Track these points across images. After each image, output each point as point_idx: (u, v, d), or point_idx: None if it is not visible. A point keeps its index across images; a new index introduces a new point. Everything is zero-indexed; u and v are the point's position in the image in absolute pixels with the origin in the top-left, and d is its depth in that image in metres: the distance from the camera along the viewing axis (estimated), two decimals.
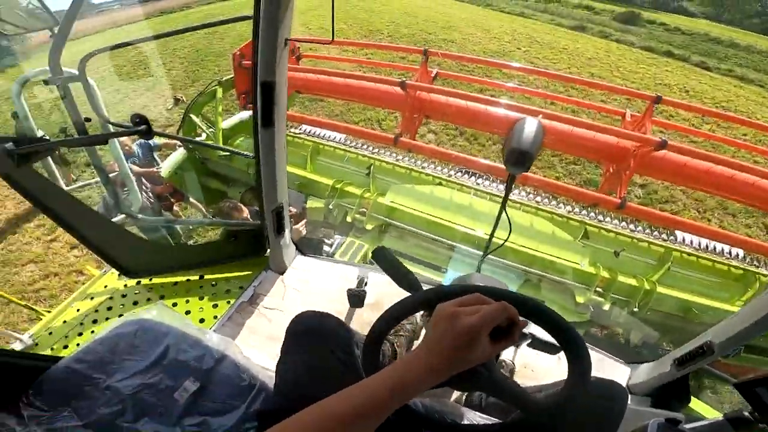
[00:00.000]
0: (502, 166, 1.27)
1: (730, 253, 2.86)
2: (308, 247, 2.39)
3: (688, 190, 5.70)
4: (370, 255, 2.81)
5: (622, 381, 1.58)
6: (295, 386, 0.92)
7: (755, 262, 2.83)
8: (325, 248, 2.82)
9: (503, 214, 1.54)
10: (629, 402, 1.13)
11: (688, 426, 1.01)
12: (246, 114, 4.03)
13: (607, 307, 2.67)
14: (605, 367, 1.65)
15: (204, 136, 3.77)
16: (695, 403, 1.54)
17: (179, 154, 3.76)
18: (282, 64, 1.24)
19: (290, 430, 0.53)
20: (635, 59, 11.84)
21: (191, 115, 3.70)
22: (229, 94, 3.97)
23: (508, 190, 1.51)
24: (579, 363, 0.68)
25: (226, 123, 3.89)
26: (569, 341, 0.67)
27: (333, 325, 1.02)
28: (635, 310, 2.63)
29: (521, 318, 0.66)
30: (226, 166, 3.80)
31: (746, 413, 0.97)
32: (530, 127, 1.21)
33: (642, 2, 22.00)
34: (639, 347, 2.90)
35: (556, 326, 0.68)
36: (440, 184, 3.29)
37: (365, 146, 3.72)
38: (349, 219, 3.12)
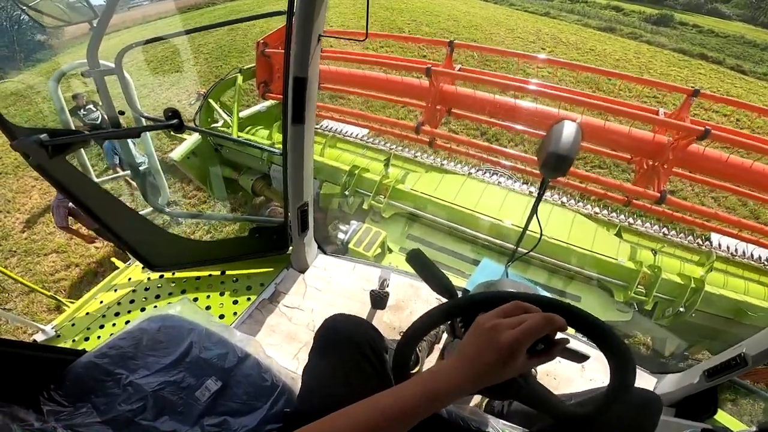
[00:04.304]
0: (526, 155, 1.22)
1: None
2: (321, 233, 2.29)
3: (720, 198, 5.47)
4: (387, 244, 2.72)
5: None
6: (324, 389, 0.90)
7: None
8: (340, 235, 2.68)
9: (534, 218, 1.48)
10: None
11: None
12: (264, 105, 4.03)
13: (649, 306, 2.49)
14: None
15: (221, 122, 3.78)
16: (720, 415, 1.50)
17: (193, 139, 3.72)
18: (315, 60, 1.22)
19: None
20: (667, 61, 11.46)
21: (210, 101, 3.71)
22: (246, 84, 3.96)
23: (540, 195, 1.45)
24: (624, 377, 0.65)
25: (244, 113, 3.89)
26: (617, 355, 0.65)
27: (366, 329, 1.00)
28: (681, 310, 2.43)
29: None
30: (240, 154, 3.78)
31: None
32: (569, 130, 1.14)
33: (674, 4, 21.27)
34: (684, 356, 2.75)
35: (605, 339, 0.64)
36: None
37: (385, 143, 3.66)
38: (365, 206, 3.01)
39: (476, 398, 1.43)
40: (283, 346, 1.63)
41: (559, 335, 0.61)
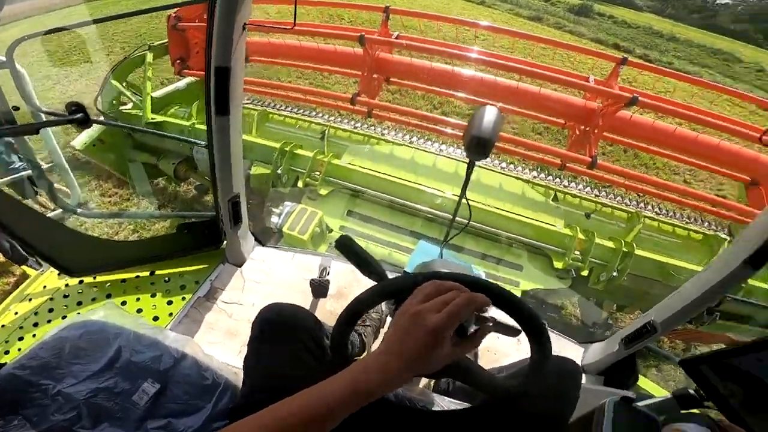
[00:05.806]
0: (464, 123, 1.28)
1: (689, 216, 2.93)
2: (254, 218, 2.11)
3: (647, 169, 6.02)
4: (324, 223, 2.62)
5: (576, 360, 1.67)
6: (266, 381, 0.89)
7: (713, 226, 2.85)
8: (273, 219, 2.50)
9: (464, 200, 1.56)
10: (584, 381, 1.17)
11: (640, 404, 1.02)
12: (183, 83, 3.69)
13: (585, 272, 2.52)
14: (559, 347, 1.72)
15: (130, 105, 3.41)
16: (643, 382, 1.61)
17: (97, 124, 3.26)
18: (239, 49, 1.17)
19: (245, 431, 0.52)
20: None
21: (112, 81, 3.27)
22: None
23: (467, 177, 1.53)
24: (542, 349, 0.71)
25: (160, 92, 3.53)
26: (533, 327, 0.70)
27: (303, 317, 0.99)
28: (614, 274, 2.45)
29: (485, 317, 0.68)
30: (156, 137, 3.40)
31: (692, 391, 0.95)
32: (490, 114, 1.23)
33: None
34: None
35: (520, 312, 0.69)
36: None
37: (322, 115, 3.49)
38: (300, 184, 2.83)
39: (425, 379, 1.45)
40: (226, 343, 1.59)
41: (492, 312, 0.63)
